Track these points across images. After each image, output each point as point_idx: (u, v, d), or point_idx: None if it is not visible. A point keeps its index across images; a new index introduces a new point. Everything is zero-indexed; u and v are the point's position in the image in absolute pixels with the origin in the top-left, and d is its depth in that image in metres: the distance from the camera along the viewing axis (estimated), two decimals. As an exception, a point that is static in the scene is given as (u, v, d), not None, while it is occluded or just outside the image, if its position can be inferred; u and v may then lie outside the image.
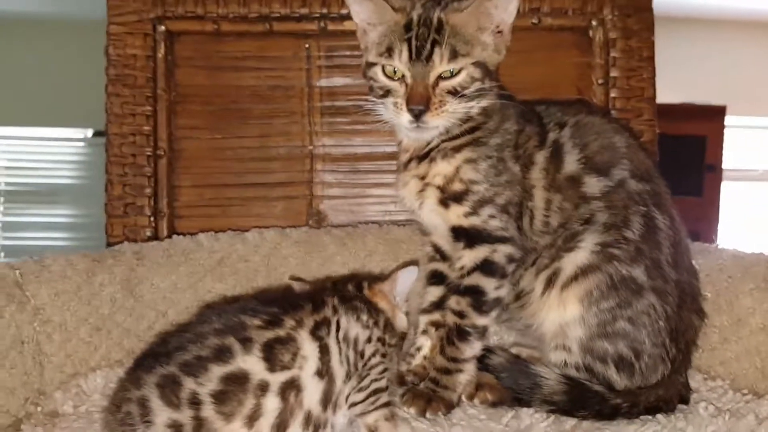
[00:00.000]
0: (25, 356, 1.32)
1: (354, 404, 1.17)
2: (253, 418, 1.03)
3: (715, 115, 4.96)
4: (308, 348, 1.11)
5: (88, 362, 1.45)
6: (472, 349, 1.36)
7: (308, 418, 1.09)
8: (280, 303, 1.18)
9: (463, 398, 1.37)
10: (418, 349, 1.50)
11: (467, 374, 1.37)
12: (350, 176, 1.97)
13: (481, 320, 1.36)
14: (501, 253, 1.36)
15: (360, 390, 1.17)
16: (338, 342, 1.16)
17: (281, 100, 1.94)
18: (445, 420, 1.28)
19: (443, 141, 1.40)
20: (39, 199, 5.04)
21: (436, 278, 1.54)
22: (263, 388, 1.05)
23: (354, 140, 1.96)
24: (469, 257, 1.38)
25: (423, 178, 1.42)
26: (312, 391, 1.10)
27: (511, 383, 1.34)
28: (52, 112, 4.76)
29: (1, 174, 5.05)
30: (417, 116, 1.32)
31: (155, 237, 1.87)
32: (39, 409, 1.31)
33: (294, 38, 1.93)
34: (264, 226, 1.83)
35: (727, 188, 5.03)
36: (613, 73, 1.92)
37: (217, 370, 1.03)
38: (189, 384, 1.01)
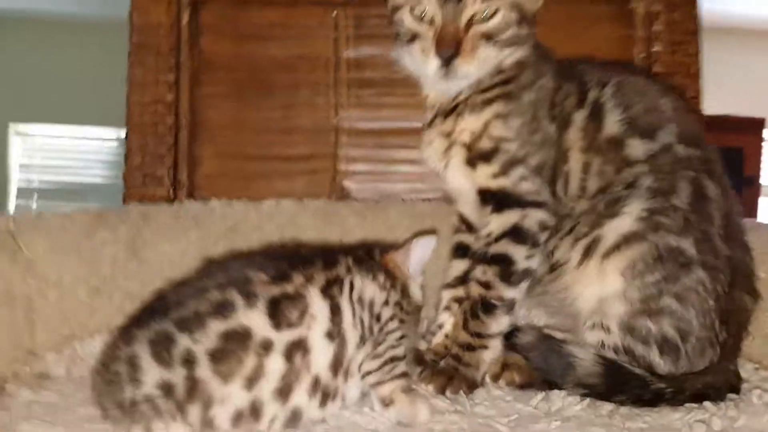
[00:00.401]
0: (15, 312, 1.19)
1: (368, 373, 1.02)
2: (253, 380, 0.90)
3: (753, 127, 4.71)
4: (318, 306, 0.98)
5: (86, 325, 1.31)
6: (498, 324, 1.20)
7: (316, 385, 0.96)
8: (288, 258, 1.04)
9: (488, 379, 1.21)
10: (440, 326, 1.35)
11: (492, 352, 1.20)
12: (376, 151, 1.82)
13: (508, 292, 1.19)
14: (532, 218, 1.20)
15: (375, 357, 1.02)
16: (352, 303, 1.02)
17: (307, 70, 1.81)
18: (467, 400, 1.12)
19: (472, 94, 1.24)
20: (72, 198, 4.94)
21: (461, 251, 1.37)
22: (266, 346, 0.91)
23: (381, 114, 1.81)
24: (497, 223, 1.21)
25: (449, 135, 1.27)
26: (321, 353, 0.96)
27: (541, 364, 1.16)
28: (86, 112, 4.70)
29: (35, 172, 5.01)
30: (446, 62, 1.17)
31: (173, 209, 1.74)
32: (27, 369, 1.17)
33: (321, 6, 1.80)
34: (285, 200, 1.69)
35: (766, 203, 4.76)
36: (656, 48, 1.76)
37: (216, 326, 0.90)
38: (183, 341, 0.88)
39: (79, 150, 5.01)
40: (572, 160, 1.23)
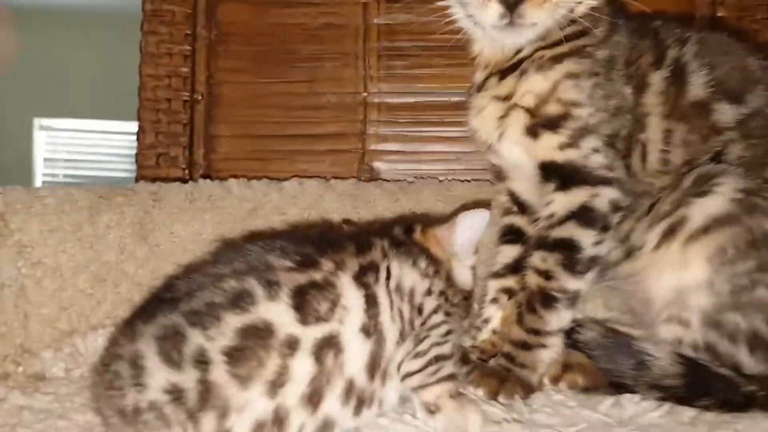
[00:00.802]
0: (4, 302, 1.04)
1: (409, 374, 0.86)
2: (277, 385, 0.75)
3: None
4: (351, 297, 0.83)
5: (89, 319, 1.17)
6: (560, 319, 1.03)
7: (350, 389, 0.81)
8: (315, 242, 0.89)
9: (546, 381, 1.05)
10: (486, 321, 1.18)
11: (552, 351, 1.04)
12: (409, 129, 1.65)
13: (572, 283, 1.02)
14: (604, 198, 1.03)
15: (417, 356, 0.86)
16: (389, 292, 0.86)
17: (333, 40, 1.65)
18: (524, 405, 0.96)
19: (538, 49, 1.07)
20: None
21: (511, 235, 1.21)
22: (292, 345, 0.77)
23: (415, 87, 1.64)
24: (561, 202, 1.04)
25: (506, 98, 1.09)
26: (356, 352, 0.81)
27: (609, 363, 1.01)
28: (111, 106, 4.63)
29: (60, 167, 4.95)
30: (511, 7, 0.98)
31: (189, 192, 1.59)
32: (20, 369, 1.03)
33: (349, -31, 1.65)
34: (309, 182, 1.55)
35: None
36: (721, 13, 1.58)
37: (233, 321, 0.76)
38: (196, 337, 0.74)
39: (104, 144, 4.95)
40: (651, 128, 1.06)
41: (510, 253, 1.20)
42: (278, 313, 0.77)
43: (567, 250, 1.02)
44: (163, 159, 1.62)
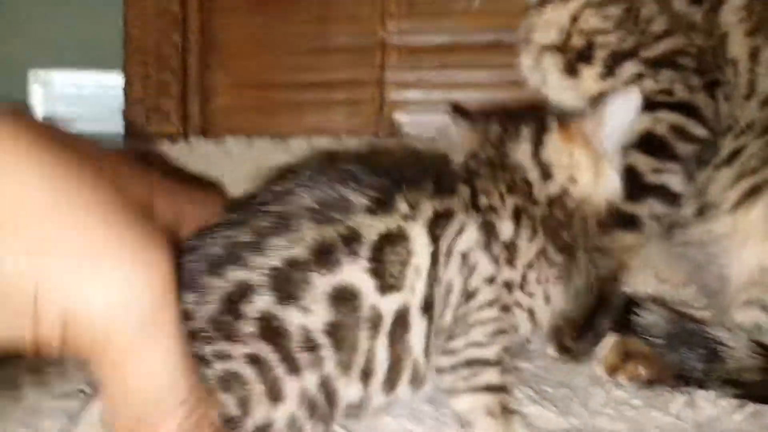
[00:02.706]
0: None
1: (439, 371, 0.74)
2: (367, 374, 0.66)
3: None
4: (422, 254, 0.68)
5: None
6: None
7: (416, 375, 0.70)
8: (386, 172, 0.72)
9: (604, 375, 0.94)
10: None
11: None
12: (436, 74, 1.53)
13: (628, 206, 0.95)
14: (664, 123, 0.95)
15: (447, 353, 0.73)
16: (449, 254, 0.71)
17: (345, -31, 1.53)
18: (584, 409, 0.85)
19: None
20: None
21: None
22: (375, 322, 0.65)
23: (442, 24, 1.51)
24: None
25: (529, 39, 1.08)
26: (418, 329, 0.69)
27: (674, 353, 0.91)
28: (112, 56, 4.57)
29: (58, 122, 4.94)
30: None
31: (183, 149, 1.51)
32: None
33: None
34: (320, 137, 1.45)
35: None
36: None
37: (321, 284, 0.62)
38: (292, 317, 0.61)
39: (104, 97, 4.91)
40: (735, 47, 0.98)
41: None
42: (359, 276, 0.64)
43: (626, 177, 0.94)
44: (153, 113, 1.54)
